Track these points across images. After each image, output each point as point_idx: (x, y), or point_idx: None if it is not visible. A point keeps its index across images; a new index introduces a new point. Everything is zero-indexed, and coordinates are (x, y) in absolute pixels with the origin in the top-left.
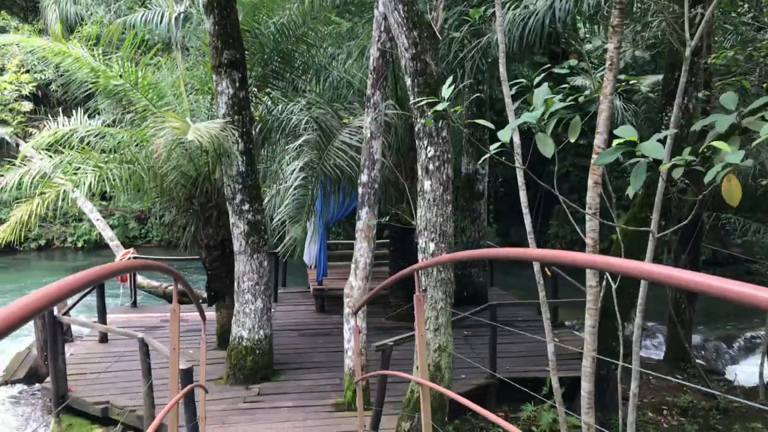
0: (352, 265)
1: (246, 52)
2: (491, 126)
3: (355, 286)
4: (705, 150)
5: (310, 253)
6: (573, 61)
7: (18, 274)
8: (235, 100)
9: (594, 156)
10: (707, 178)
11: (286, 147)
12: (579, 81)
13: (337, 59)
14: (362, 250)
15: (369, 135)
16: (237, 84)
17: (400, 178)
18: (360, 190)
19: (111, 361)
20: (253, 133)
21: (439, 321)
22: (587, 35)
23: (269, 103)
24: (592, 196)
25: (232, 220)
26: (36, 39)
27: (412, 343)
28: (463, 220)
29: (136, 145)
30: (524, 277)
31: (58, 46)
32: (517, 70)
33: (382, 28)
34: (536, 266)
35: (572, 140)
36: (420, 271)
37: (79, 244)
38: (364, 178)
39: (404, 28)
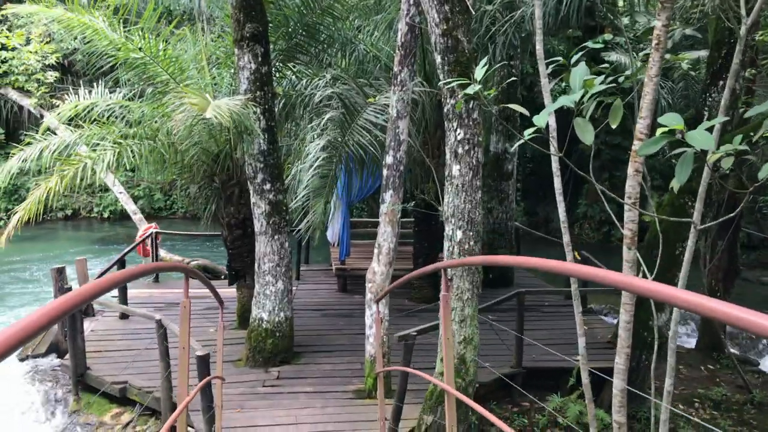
0: (375, 250)
1: (270, 25)
2: (526, 112)
3: (378, 272)
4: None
5: (333, 231)
6: (608, 36)
7: (45, 244)
8: (257, 76)
9: (636, 143)
10: (761, 174)
11: (309, 124)
12: (614, 56)
13: (363, 32)
14: (386, 234)
15: (395, 114)
16: (259, 58)
17: (426, 159)
18: (384, 172)
19: (131, 338)
20: (276, 109)
21: (465, 312)
22: (626, 8)
23: (293, 77)
24: (632, 185)
25: (253, 200)
26: (54, 9)
27: (436, 332)
28: (490, 201)
29: (162, 116)
30: (550, 257)
31: (76, 16)
32: (550, 44)
33: (411, 2)
34: (569, 256)
35: (614, 126)
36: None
37: (105, 215)
38: (389, 159)
39: (435, 2)
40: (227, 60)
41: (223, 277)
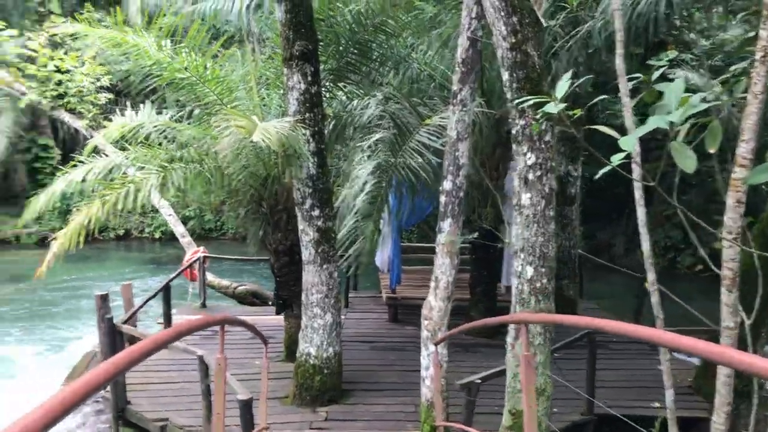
0: (432, 283)
1: (320, 44)
2: (616, 135)
3: (434, 307)
4: None
5: (382, 257)
6: (672, 53)
7: (98, 264)
8: (307, 96)
9: (737, 169)
10: None
11: (359, 144)
12: (680, 73)
13: (416, 50)
14: (444, 266)
15: (455, 136)
16: (309, 78)
17: (485, 180)
18: (442, 199)
19: (174, 370)
20: (326, 131)
21: (536, 359)
22: (701, 22)
23: (343, 98)
24: (733, 218)
25: (301, 227)
26: (99, 29)
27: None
28: None
29: (210, 138)
30: (613, 284)
31: (120, 35)
32: (611, 62)
33: (474, 14)
34: (654, 297)
35: (712, 150)
36: (516, 308)
37: (157, 235)
38: (447, 185)
39: (502, 13)
40: (277, 80)
41: (271, 303)
